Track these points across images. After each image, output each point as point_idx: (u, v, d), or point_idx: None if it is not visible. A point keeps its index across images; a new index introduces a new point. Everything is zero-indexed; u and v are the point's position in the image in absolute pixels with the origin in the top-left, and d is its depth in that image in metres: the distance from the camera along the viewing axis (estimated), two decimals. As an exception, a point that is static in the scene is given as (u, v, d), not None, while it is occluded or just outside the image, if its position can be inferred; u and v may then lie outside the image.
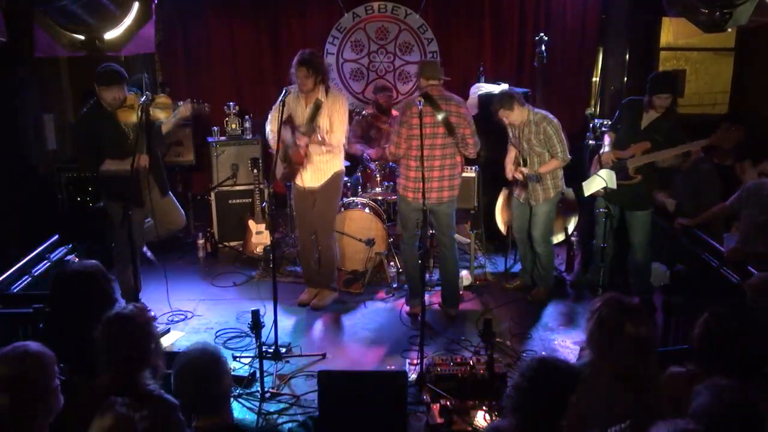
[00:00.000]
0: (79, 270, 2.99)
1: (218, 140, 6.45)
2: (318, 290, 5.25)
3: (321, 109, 4.79)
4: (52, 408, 2.21)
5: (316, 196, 5.01)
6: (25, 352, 2.19)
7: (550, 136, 4.86)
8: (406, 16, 6.99)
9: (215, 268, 6.06)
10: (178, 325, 4.93)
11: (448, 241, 4.92)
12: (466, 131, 4.69)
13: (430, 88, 4.63)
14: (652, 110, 4.70)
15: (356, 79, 7.16)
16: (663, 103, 4.64)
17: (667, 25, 6.60)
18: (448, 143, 4.66)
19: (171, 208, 5.02)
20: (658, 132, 4.69)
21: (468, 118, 4.72)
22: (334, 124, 4.82)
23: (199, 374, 2.32)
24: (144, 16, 4.17)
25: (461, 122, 4.65)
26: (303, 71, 4.68)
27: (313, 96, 4.80)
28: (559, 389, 2.20)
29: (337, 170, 5.02)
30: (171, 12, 6.46)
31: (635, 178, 4.74)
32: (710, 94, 6.79)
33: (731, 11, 3.86)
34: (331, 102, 4.82)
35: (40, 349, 2.23)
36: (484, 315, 4.84)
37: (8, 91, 5.73)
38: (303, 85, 4.73)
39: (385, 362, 4.44)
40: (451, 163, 4.72)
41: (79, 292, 2.91)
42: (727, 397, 2.04)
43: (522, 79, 6.86)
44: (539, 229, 5.10)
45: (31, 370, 2.16)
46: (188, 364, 2.35)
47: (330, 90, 4.88)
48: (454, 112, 4.62)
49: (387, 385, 3.53)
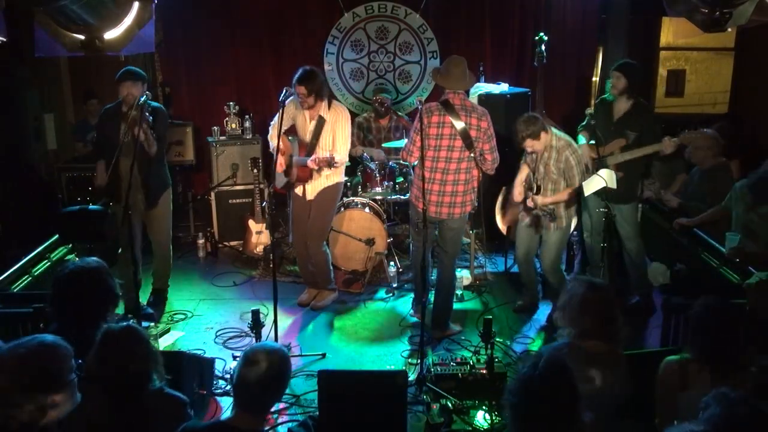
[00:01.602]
0: (80, 268, 2.95)
1: (218, 140, 6.45)
2: (318, 291, 5.25)
3: (324, 125, 4.78)
4: (65, 402, 2.17)
5: (312, 203, 4.99)
6: (41, 343, 2.17)
7: (571, 167, 4.50)
8: (406, 15, 6.99)
9: (215, 267, 6.06)
10: (179, 324, 4.93)
11: (447, 259, 4.64)
12: (485, 146, 4.42)
13: (453, 96, 4.39)
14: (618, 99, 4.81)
15: (356, 78, 7.16)
16: (615, 83, 4.75)
17: (667, 24, 6.61)
18: (464, 157, 4.39)
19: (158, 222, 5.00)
20: (629, 126, 4.79)
21: (489, 132, 4.41)
22: (337, 141, 4.79)
23: (275, 374, 2.35)
24: (144, 16, 4.17)
25: (480, 136, 4.37)
26: (302, 90, 4.61)
27: (315, 111, 4.78)
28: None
29: (337, 181, 4.99)
30: (171, 12, 6.45)
31: (618, 174, 4.75)
32: (710, 93, 6.79)
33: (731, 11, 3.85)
34: (333, 118, 4.78)
35: (57, 341, 2.21)
36: (484, 315, 4.84)
37: (8, 91, 5.73)
38: (303, 102, 4.69)
39: (385, 362, 4.45)
40: (465, 178, 4.45)
41: (82, 290, 2.88)
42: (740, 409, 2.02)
43: (522, 79, 6.86)
44: (549, 258, 4.73)
45: (47, 361, 2.14)
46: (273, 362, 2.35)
47: (332, 104, 4.84)
48: (474, 126, 4.34)
49: (387, 384, 3.53)
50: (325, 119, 4.77)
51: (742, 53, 6.66)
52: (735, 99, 6.73)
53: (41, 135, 6.31)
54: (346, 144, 4.85)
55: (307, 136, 4.85)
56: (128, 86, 4.61)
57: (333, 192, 4.99)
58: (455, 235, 4.62)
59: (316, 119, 4.78)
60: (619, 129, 4.83)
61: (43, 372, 2.12)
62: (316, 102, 4.71)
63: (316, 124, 4.79)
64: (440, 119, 4.35)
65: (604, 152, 4.84)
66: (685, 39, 6.21)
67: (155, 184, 4.89)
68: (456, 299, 5.31)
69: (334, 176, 4.95)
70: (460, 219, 4.57)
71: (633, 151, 4.77)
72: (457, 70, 4.42)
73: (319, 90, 4.68)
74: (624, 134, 4.80)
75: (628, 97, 4.79)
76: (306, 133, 4.87)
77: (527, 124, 4.44)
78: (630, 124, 4.80)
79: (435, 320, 4.71)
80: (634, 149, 4.77)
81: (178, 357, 4.03)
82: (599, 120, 4.88)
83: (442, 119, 4.35)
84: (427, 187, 4.33)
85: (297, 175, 4.87)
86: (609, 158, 4.82)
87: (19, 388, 2.07)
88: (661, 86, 6.84)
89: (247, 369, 2.34)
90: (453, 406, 3.76)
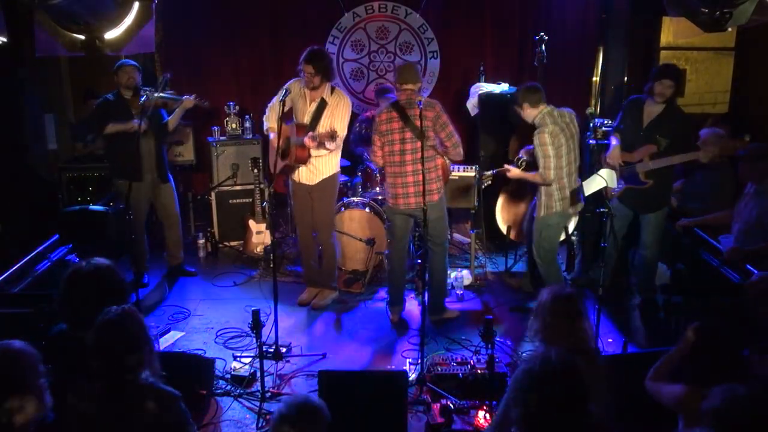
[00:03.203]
0: (91, 268, 2.92)
1: (218, 140, 6.45)
2: (318, 290, 5.25)
3: (325, 109, 4.78)
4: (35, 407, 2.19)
5: (312, 194, 5.01)
6: (6, 350, 2.18)
7: (534, 147, 4.51)
8: (406, 15, 6.99)
9: (215, 267, 6.06)
10: (179, 324, 4.93)
11: (435, 247, 4.72)
12: (441, 134, 4.53)
13: (399, 94, 4.59)
14: (652, 102, 4.63)
15: (357, 78, 7.16)
16: (664, 91, 4.55)
17: (667, 24, 6.59)
18: (417, 147, 4.45)
19: (168, 195, 5.51)
20: (660, 131, 4.64)
21: (440, 120, 4.50)
22: (336, 126, 4.80)
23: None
24: (144, 16, 4.17)
25: (429, 125, 4.47)
26: (309, 68, 4.67)
27: (318, 93, 4.80)
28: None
29: (334, 171, 5.01)
30: (171, 12, 6.45)
31: (648, 183, 4.69)
32: (710, 93, 6.78)
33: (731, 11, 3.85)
34: (334, 103, 4.82)
35: (23, 347, 2.22)
36: (484, 315, 4.84)
37: (8, 91, 5.73)
38: (309, 81, 4.72)
39: (385, 362, 4.45)
40: (427, 167, 4.49)
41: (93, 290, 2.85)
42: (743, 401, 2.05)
43: (522, 79, 6.82)
44: (533, 243, 4.83)
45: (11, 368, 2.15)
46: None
47: (335, 90, 4.88)
48: (417, 116, 4.40)
49: (387, 384, 3.53)
50: (327, 102, 4.80)
51: (743, 53, 6.65)
52: (735, 99, 6.73)
53: (41, 135, 6.31)
54: (343, 130, 4.87)
55: (306, 117, 4.85)
56: (129, 71, 5.17)
57: (332, 181, 5.05)
58: (438, 222, 4.71)
59: (318, 101, 4.80)
60: (648, 134, 4.67)
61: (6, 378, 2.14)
62: (322, 83, 4.75)
63: (317, 106, 4.80)
64: (388, 116, 4.60)
65: (632, 158, 4.71)
66: (685, 39, 6.19)
67: (164, 161, 5.48)
68: (456, 299, 5.33)
69: (329, 164, 4.95)
70: (438, 204, 4.67)
71: (665, 159, 4.57)
72: (406, 67, 4.70)
73: (326, 70, 4.72)
74: (655, 140, 4.63)
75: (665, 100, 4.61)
76: (305, 115, 4.88)
77: (518, 90, 4.67)
78: (662, 129, 4.63)
79: (432, 306, 4.81)
80: (666, 157, 4.58)
81: (177, 357, 4.04)
82: (627, 122, 4.76)
83: (389, 116, 4.59)
84: (394, 182, 4.65)
85: (296, 156, 4.85)
86: (638, 165, 4.68)
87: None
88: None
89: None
90: (453, 406, 3.76)
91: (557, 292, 2.90)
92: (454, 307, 5.16)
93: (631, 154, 4.74)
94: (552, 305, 2.84)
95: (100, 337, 2.44)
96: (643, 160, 4.69)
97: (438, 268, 4.81)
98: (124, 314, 2.51)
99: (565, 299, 2.85)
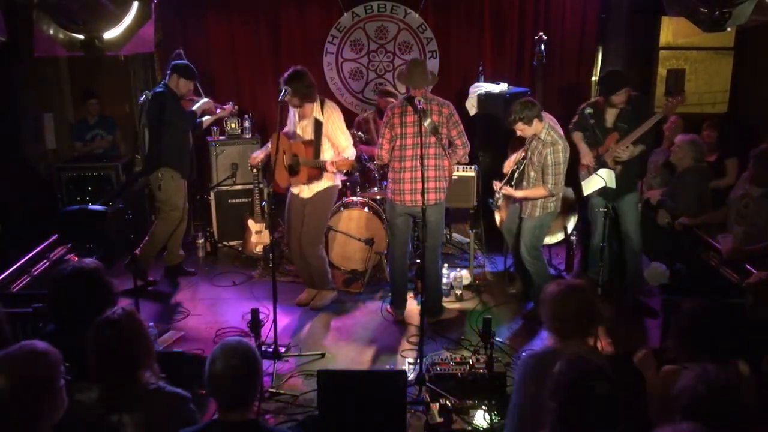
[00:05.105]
0: (78, 269, 2.90)
1: (218, 140, 6.45)
2: (317, 290, 5.24)
3: (321, 129, 4.78)
4: (57, 407, 2.18)
5: (306, 208, 4.96)
6: (32, 351, 2.17)
7: (547, 166, 4.50)
8: (405, 15, 6.99)
9: (215, 267, 6.06)
10: (178, 324, 4.93)
11: (428, 251, 4.57)
12: (453, 132, 4.63)
13: (415, 92, 4.58)
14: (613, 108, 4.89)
15: (356, 78, 7.16)
16: (622, 97, 4.79)
17: (666, 24, 6.60)
18: (431, 143, 4.56)
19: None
20: (623, 120, 4.87)
21: (453, 119, 4.61)
22: (339, 139, 4.79)
23: (243, 368, 2.32)
24: (144, 16, 4.16)
25: (443, 121, 4.58)
26: (288, 89, 4.57)
27: (306, 110, 4.80)
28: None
29: (332, 184, 4.97)
30: (171, 12, 6.45)
31: (615, 168, 4.83)
32: (710, 93, 6.78)
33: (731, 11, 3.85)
34: (326, 117, 4.79)
35: (47, 347, 2.21)
36: (483, 315, 4.84)
37: (8, 90, 5.73)
38: (289, 101, 4.72)
39: (384, 362, 4.45)
40: (435, 164, 4.61)
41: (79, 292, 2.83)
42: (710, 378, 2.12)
43: (522, 79, 6.86)
44: (524, 242, 4.77)
45: (38, 368, 2.14)
46: (235, 357, 2.32)
47: (325, 105, 4.82)
48: (435, 111, 4.55)
49: (387, 384, 3.53)
50: (321, 121, 4.78)
51: (742, 53, 6.66)
52: (734, 98, 6.73)
53: (41, 135, 6.31)
54: (347, 138, 4.86)
55: (307, 137, 4.85)
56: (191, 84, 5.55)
57: (329, 194, 4.98)
58: (435, 226, 4.70)
59: (312, 122, 4.80)
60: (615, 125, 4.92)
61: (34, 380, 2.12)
62: (303, 103, 4.73)
63: (314, 127, 4.79)
64: (403, 110, 4.61)
65: (603, 151, 4.90)
66: (684, 38, 6.20)
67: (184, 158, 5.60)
68: (456, 299, 5.33)
69: (329, 176, 4.91)
70: (436, 206, 4.66)
71: (629, 136, 4.80)
72: (417, 71, 4.61)
73: (305, 92, 4.65)
74: (619, 128, 4.87)
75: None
76: (296, 126, 4.89)
77: (523, 107, 4.47)
78: (624, 118, 4.88)
79: (429, 308, 4.75)
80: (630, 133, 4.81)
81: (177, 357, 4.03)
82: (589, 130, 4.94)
83: (404, 110, 4.59)
84: (401, 177, 4.62)
85: (308, 175, 4.83)
86: (605, 155, 4.88)
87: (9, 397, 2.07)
88: (661, 85, 6.82)
89: (215, 367, 2.31)
90: (453, 406, 3.76)
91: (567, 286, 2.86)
92: (454, 307, 5.17)
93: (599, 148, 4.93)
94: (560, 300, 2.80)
95: (99, 337, 2.43)
96: (610, 149, 4.88)
97: (430, 272, 4.72)
98: (123, 314, 2.49)
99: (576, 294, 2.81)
